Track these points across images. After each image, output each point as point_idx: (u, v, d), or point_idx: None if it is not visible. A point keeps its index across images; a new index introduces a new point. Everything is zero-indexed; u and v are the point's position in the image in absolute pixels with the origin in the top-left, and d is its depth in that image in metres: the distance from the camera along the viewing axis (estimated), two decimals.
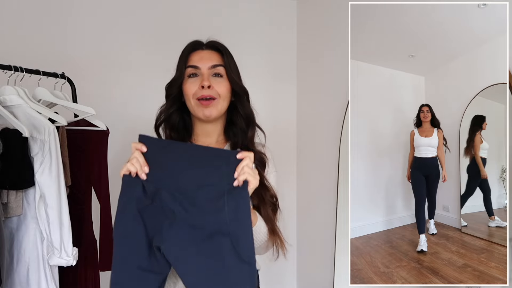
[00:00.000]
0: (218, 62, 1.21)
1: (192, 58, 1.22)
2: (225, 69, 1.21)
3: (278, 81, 2.54)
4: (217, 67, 1.20)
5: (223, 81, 1.20)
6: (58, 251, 1.39)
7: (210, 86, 1.17)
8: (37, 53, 1.92)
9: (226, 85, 1.20)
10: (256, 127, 1.26)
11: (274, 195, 1.22)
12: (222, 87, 1.20)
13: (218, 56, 1.22)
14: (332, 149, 2.14)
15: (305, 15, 2.54)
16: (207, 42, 1.25)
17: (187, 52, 1.23)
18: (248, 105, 1.25)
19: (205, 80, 1.17)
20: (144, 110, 2.20)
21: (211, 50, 1.23)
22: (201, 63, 1.20)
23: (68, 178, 1.49)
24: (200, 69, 1.20)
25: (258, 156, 1.23)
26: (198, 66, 1.20)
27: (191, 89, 1.19)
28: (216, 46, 1.23)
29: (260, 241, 1.15)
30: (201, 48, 1.24)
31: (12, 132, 1.39)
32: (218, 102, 1.19)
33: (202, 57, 1.21)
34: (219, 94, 1.19)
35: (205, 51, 1.23)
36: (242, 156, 1.02)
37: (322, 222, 2.24)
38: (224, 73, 1.21)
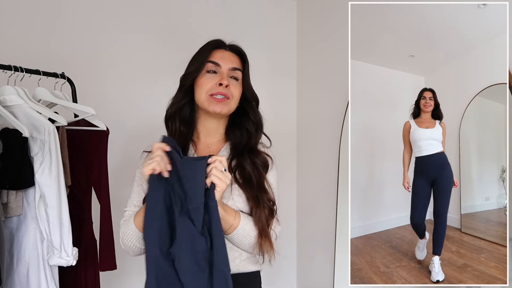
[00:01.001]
0: (238, 66, 1.25)
1: (215, 55, 1.24)
2: (242, 74, 1.25)
3: (278, 81, 2.55)
4: (236, 71, 1.24)
5: (238, 84, 1.25)
6: (58, 251, 1.39)
7: (228, 85, 1.21)
8: (37, 53, 1.93)
9: (239, 89, 1.25)
10: (262, 133, 1.30)
11: (272, 199, 1.22)
12: (236, 90, 1.24)
13: (239, 60, 1.26)
14: (332, 149, 2.14)
15: (305, 15, 2.54)
16: (230, 44, 1.29)
17: (210, 47, 1.26)
18: (258, 112, 1.29)
19: (225, 79, 1.21)
20: (144, 109, 2.21)
21: (233, 53, 1.27)
22: (222, 62, 1.23)
23: (68, 178, 1.49)
24: (220, 67, 1.23)
25: (262, 158, 1.24)
26: (219, 64, 1.23)
27: (206, 84, 1.21)
28: (238, 51, 1.28)
29: (248, 244, 1.15)
30: (225, 48, 1.27)
31: (12, 132, 1.39)
32: (230, 102, 1.23)
33: (224, 56, 1.24)
34: (232, 95, 1.23)
35: (228, 52, 1.26)
36: (211, 160, 1.04)
37: (322, 222, 2.24)
38: (240, 77, 1.25)
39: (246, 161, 1.20)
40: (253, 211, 1.17)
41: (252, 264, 1.22)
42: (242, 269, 1.20)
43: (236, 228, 1.12)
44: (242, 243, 1.15)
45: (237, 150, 1.24)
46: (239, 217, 1.14)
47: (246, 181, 1.19)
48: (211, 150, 1.27)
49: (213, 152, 1.27)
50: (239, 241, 1.14)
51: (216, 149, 1.28)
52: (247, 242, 1.14)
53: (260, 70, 2.58)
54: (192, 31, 2.27)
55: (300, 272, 2.53)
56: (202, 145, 1.28)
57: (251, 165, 1.20)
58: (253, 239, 1.15)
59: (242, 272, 1.20)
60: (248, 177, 1.19)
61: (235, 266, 1.18)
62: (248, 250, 1.17)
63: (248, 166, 1.20)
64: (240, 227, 1.13)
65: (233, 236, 1.13)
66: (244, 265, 1.20)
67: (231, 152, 1.26)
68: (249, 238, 1.14)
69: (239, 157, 1.22)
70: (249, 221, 1.15)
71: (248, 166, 1.20)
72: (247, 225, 1.14)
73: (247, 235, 1.14)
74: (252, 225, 1.15)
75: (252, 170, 1.20)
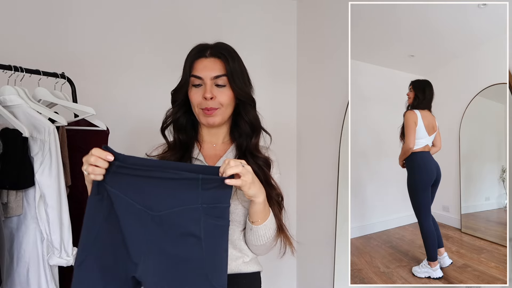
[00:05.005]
0: (221, 72, 1.21)
1: (196, 67, 1.22)
2: (227, 78, 1.21)
3: (278, 81, 2.55)
4: (219, 78, 1.20)
5: (226, 90, 1.21)
6: (58, 251, 1.39)
7: (213, 97, 1.19)
8: (37, 53, 1.93)
9: (228, 93, 1.21)
10: (261, 132, 1.29)
11: (280, 193, 1.24)
12: (224, 97, 1.21)
13: (221, 64, 1.21)
14: (332, 149, 2.14)
15: (305, 15, 2.54)
16: (212, 47, 1.24)
17: (191, 60, 1.23)
18: (252, 112, 1.26)
19: (207, 92, 1.19)
20: (145, 109, 2.21)
21: (214, 58, 1.22)
22: (203, 73, 1.20)
23: (68, 178, 1.49)
24: (203, 80, 1.20)
25: (263, 158, 1.25)
26: (201, 77, 1.21)
27: (196, 99, 1.22)
28: (219, 54, 1.22)
29: (268, 237, 1.16)
30: (205, 55, 1.23)
31: (12, 132, 1.39)
32: (221, 111, 1.22)
33: (205, 66, 1.21)
34: (221, 104, 1.21)
35: (208, 60, 1.22)
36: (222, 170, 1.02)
37: (322, 222, 2.24)
38: (226, 82, 1.21)
39: (250, 162, 1.21)
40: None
41: (253, 265, 1.23)
42: (244, 270, 1.20)
43: (266, 220, 1.14)
44: (265, 236, 1.16)
45: (241, 151, 1.25)
46: (268, 209, 1.16)
47: None
48: (217, 150, 1.28)
49: (220, 152, 1.27)
50: (263, 234, 1.15)
51: (223, 149, 1.29)
52: (268, 235, 1.16)
53: (260, 70, 2.60)
54: (192, 32, 2.27)
55: (300, 272, 2.53)
56: (207, 145, 1.29)
57: (255, 164, 1.21)
58: (274, 232, 1.17)
59: (243, 272, 1.20)
60: (256, 175, 1.20)
61: (237, 266, 1.19)
62: (265, 243, 1.18)
63: (253, 165, 1.20)
64: (269, 219, 1.15)
65: (259, 228, 1.14)
66: (246, 266, 1.21)
67: (237, 153, 1.26)
68: (271, 231, 1.16)
69: (243, 158, 1.22)
70: (273, 216, 1.18)
71: (253, 166, 1.20)
72: (272, 218, 1.17)
73: (271, 227, 1.16)
74: (274, 221, 1.18)
75: (258, 169, 1.21)
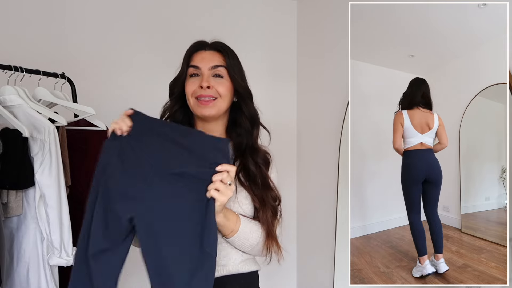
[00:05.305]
0: (220, 63, 1.21)
1: (194, 58, 1.22)
2: (226, 70, 1.21)
3: (278, 81, 2.55)
4: (218, 68, 1.20)
5: (224, 81, 1.21)
6: (58, 251, 1.39)
7: (210, 86, 1.18)
8: (37, 53, 1.93)
9: (227, 85, 1.21)
10: (260, 127, 1.27)
11: (278, 196, 1.22)
12: (222, 87, 1.20)
13: (220, 57, 1.22)
14: (332, 149, 2.14)
15: (305, 15, 2.54)
16: (210, 43, 1.26)
17: (190, 52, 1.24)
18: (252, 106, 1.26)
19: (204, 80, 1.18)
20: (145, 109, 2.19)
21: (213, 51, 1.23)
22: (202, 64, 1.21)
23: (68, 178, 1.49)
24: (200, 69, 1.20)
25: (263, 155, 1.24)
26: (198, 66, 1.20)
27: (191, 87, 1.20)
28: (218, 47, 1.24)
29: (249, 245, 1.15)
30: (204, 48, 1.24)
31: (12, 132, 1.39)
32: (218, 102, 1.20)
33: (203, 57, 1.22)
34: (219, 94, 1.19)
35: (207, 52, 1.23)
36: (221, 168, 1.03)
37: (322, 222, 2.24)
38: (225, 73, 1.21)
39: (249, 161, 1.20)
40: (259, 213, 1.17)
41: (251, 264, 1.22)
42: (242, 270, 1.20)
43: (237, 232, 1.12)
44: (244, 245, 1.15)
45: (239, 151, 1.24)
46: (240, 221, 1.14)
47: (251, 182, 1.19)
48: None
49: None
50: (240, 244, 1.14)
51: None
52: (248, 244, 1.15)
53: (260, 70, 2.60)
54: (192, 32, 2.23)
55: (300, 272, 2.53)
56: None
57: (254, 164, 1.20)
58: (254, 240, 1.15)
59: (241, 272, 1.19)
60: (253, 178, 1.19)
61: (234, 266, 1.18)
62: (250, 252, 1.17)
63: (252, 166, 1.19)
64: (241, 230, 1.13)
65: (234, 240, 1.13)
66: (243, 265, 1.20)
67: (234, 153, 1.25)
68: (250, 240, 1.14)
69: (242, 157, 1.21)
70: (248, 223, 1.15)
71: (252, 166, 1.19)
72: (246, 227, 1.14)
73: (247, 237, 1.14)
74: (252, 226, 1.15)
75: (256, 169, 1.20)
